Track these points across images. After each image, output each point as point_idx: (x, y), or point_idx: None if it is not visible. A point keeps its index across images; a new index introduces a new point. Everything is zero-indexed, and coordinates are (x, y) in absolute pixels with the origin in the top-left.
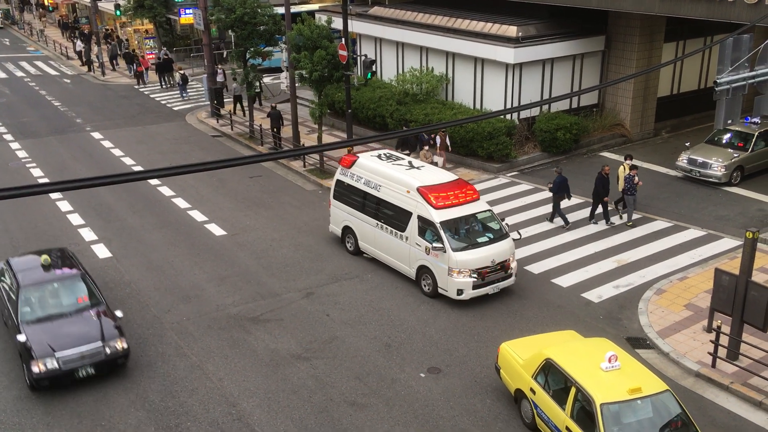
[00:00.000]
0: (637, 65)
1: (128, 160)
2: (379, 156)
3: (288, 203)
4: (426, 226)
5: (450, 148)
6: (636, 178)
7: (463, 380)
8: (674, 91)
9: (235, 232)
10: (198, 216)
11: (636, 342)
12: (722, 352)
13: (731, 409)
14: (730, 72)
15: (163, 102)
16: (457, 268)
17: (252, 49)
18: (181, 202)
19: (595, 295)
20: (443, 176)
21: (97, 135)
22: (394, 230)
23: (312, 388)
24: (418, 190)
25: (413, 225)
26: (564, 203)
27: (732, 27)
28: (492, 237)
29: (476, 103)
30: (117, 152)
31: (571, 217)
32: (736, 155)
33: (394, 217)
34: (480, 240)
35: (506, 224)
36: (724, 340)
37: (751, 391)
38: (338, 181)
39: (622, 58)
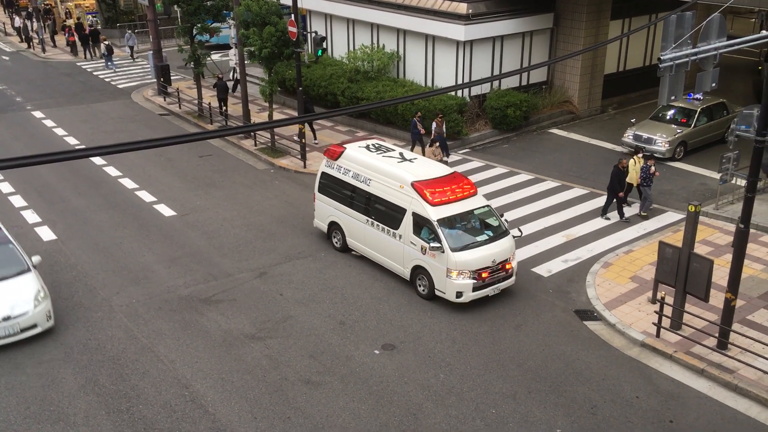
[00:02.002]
0: (585, 42)
1: (72, 140)
2: (367, 147)
3: (239, 182)
4: (422, 224)
5: (445, 134)
6: (653, 169)
7: (417, 356)
8: (620, 68)
9: (185, 212)
10: (146, 196)
11: (584, 314)
12: (666, 322)
13: (675, 377)
14: (673, 49)
15: (107, 79)
16: (457, 269)
17: (199, 25)
18: (128, 183)
19: (545, 270)
20: (438, 170)
21: (38, 114)
22: (386, 228)
23: (266, 367)
24: (412, 185)
25: (407, 222)
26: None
27: (676, 5)
28: (492, 235)
29: (428, 80)
30: (60, 132)
31: (523, 192)
32: (679, 131)
33: (386, 213)
34: (480, 238)
35: (506, 220)
36: (667, 310)
37: (694, 359)
38: (324, 174)
39: (570, 35)
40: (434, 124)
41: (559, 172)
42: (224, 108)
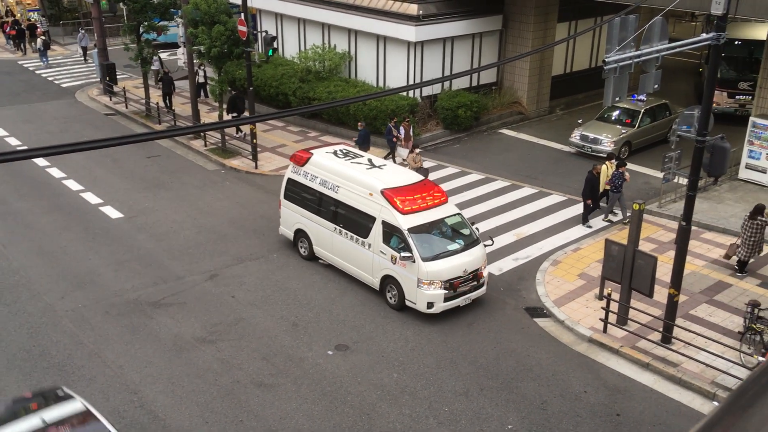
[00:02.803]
0: (533, 44)
1: (13, 141)
2: (335, 153)
3: (189, 184)
4: (392, 233)
5: (412, 138)
6: (627, 175)
7: (370, 356)
8: (567, 70)
9: (132, 214)
10: (92, 198)
11: (534, 311)
12: (612, 318)
13: (621, 371)
14: (617, 51)
15: (50, 78)
16: (428, 279)
17: (146, 23)
18: (72, 184)
19: (495, 268)
20: (408, 177)
21: None
22: (354, 236)
23: (218, 371)
24: (382, 192)
25: (377, 231)
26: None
27: (620, 8)
28: (463, 244)
29: (379, 80)
30: (0, 132)
31: (474, 192)
32: (624, 131)
33: (354, 221)
34: (451, 248)
35: (477, 228)
36: (614, 306)
37: (639, 353)
38: (290, 180)
39: (519, 37)
40: (402, 129)
41: (509, 171)
42: (169, 104)
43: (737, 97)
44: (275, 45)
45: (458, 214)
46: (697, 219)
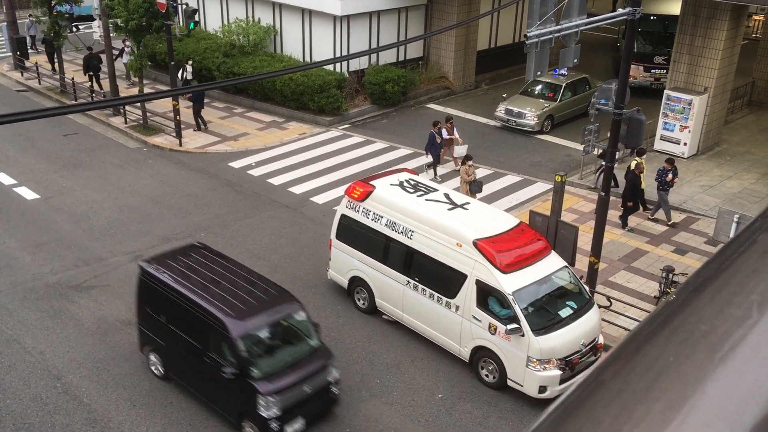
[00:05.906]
0: (458, 18)
1: None
2: (401, 185)
3: (109, 162)
4: (489, 294)
5: (460, 141)
6: (670, 175)
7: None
8: (492, 45)
9: (49, 195)
10: (5, 179)
11: None
12: None
13: None
14: (538, 26)
15: None
16: (542, 358)
17: None
18: None
19: None
20: (501, 221)
21: None
22: (436, 294)
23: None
24: (475, 244)
25: (469, 291)
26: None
27: None
28: (575, 307)
29: (305, 55)
30: None
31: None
32: (546, 105)
33: (436, 276)
34: (563, 313)
35: (585, 284)
36: None
37: None
38: (344, 216)
39: (444, 12)
40: (444, 131)
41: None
42: (54, 65)
43: (653, 71)
44: (197, 18)
45: (565, 267)
46: (615, 189)
